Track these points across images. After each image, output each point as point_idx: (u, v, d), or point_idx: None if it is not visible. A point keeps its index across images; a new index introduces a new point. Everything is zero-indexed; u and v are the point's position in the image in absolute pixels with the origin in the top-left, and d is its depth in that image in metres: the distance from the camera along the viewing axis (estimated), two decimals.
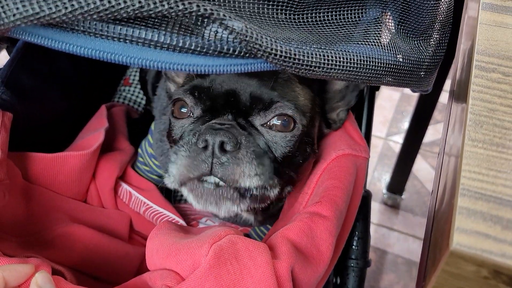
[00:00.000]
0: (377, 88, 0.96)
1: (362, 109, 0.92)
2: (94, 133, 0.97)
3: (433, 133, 2.13)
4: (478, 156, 0.39)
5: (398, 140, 2.11)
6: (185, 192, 0.69)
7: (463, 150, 0.39)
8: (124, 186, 0.97)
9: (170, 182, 0.68)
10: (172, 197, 1.09)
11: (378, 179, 1.97)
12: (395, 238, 1.80)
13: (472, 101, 0.44)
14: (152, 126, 1.02)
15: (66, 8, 0.37)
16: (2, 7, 0.37)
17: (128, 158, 1.03)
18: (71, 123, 1.06)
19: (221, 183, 0.64)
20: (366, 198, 0.85)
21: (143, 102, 1.27)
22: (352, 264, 0.83)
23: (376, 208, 1.88)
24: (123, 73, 1.30)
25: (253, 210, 0.83)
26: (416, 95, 1.60)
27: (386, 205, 1.89)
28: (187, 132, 0.71)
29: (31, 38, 0.43)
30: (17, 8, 0.37)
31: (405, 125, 2.15)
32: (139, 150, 1.05)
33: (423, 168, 2.01)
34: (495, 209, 0.35)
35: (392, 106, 2.29)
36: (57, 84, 1.03)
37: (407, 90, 2.37)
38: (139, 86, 1.27)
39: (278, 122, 0.69)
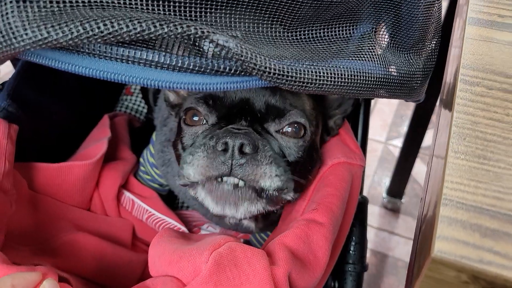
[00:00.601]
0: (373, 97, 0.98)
1: (358, 117, 0.94)
2: (97, 143, 1.00)
3: (432, 137, 2.15)
4: (460, 167, 0.42)
5: (397, 144, 2.13)
6: (201, 194, 0.69)
7: (446, 161, 0.42)
8: (127, 194, 1.00)
9: (183, 181, 0.70)
10: (174, 204, 1.12)
11: (378, 183, 1.99)
12: (395, 242, 1.81)
13: (456, 114, 0.47)
14: (153, 136, 1.05)
15: (72, 33, 0.40)
16: (13, 32, 0.40)
17: (131, 167, 1.06)
18: (74, 133, 1.09)
19: (241, 183, 0.66)
20: (363, 204, 0.87)
21: (145, 110, 1.29)
22: (349, 269, 0.85)
23: (376, 212, 1.90)
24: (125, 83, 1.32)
25: (254, 218, 0.86)
26: None
27: (386, 209, 1.90)
28: (201, 136, 0.72)
29: (39, 59, 0.46)
30: (27, 34, 0.40)
31: (405, 129, 2.16)
32: (141, 160, 1.07)
33: (422, 172, 2.02)
34: (475, 218, 0.38)
35: (392, 110, 2.31)
36: (61, 96, 1.06)
37: None
38: (140, 95, 1.29)
39: (290, 129, 0.72)
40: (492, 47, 0.56)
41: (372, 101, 2.54)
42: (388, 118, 2.27)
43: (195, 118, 0.74)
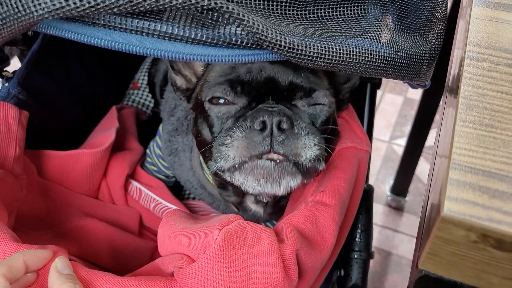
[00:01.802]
0: (378, 87, 0.99)
1: (364, 107, 0.95)
2: (106, 132, 1.01)
3: (435, 136, 2.15)
4: (468, 135, 0.42)
5: (401, 144, 2.13)
6: (240, 178, 0.69)
7: (454, 129, 0.43)
8: (134, 184, 1.01)
9: (227, 165, 0.68)
10: (180, 195, 1.13)
11: (382, 181, 1.99)
12: (400, 240, 1.81)
13: (463, 87, 0.48)
14: (160, 128, 1.06)
15: (89, 2, 0.41)
16: (32, 1, 0.41)
17: (138, 158, 1.07)
18: (82, 124, 1.10)
19: (279, 158, 0.66)
20: (368, 192, 0.88)
21: (151, 104, 1.30)
22: (355, 256, 0.85)
23: (380, 210, 1.90)
24: (132, 77, 1.34)
25: (264, 204, 0.86)
26: (418, 99, 1.63)
27: (390, 207, 1.91)
28: (231, 119, 0.72)
29: (56, 31, 0.47)
30: (45, 3, 0.41)
31: (408, 128, 2.17)
32: (147, 151, 1.09)
33: (426, 171, 2.03)
34: (484, 180, 0.38)
35: (395, 110, 2.32)
36: (70, 86, 1.08)
37: (410, 94, 2.38)
38: (147, 90, 1.31)
39: (316, 105, 0.74)
40: (498, 27, 0.57)
41: (376, 101, 2.55)
42: (392, 117, 2.28)
43: (222, 101, 0.74)
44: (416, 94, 2.29)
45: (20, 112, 0.83)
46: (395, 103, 2.35)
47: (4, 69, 0.88)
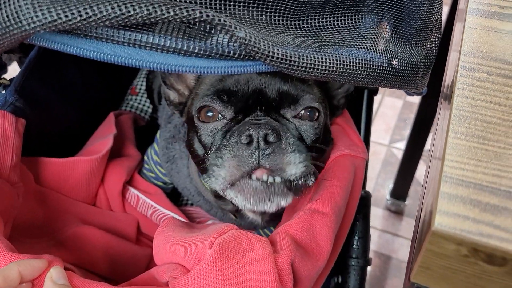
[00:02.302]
0: (375, 93, 0.99)
1: (361, 112, 0.95)
2: (103, 139, 1.01)
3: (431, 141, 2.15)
4: (460, 147, 0.42)
5: (401, 147, 2.13)
6: (231, 194, 0.69)
7: (446, 141, 0.43)
8: (132, 190, 1.01)
9: (219, 184, 0.69)
10: (178, 201, 1.13)
11: (382, 185, 1.99)
12: (399, 244, 1.81)
13: (456, 98, 0.48)
14: (158, 135, 1.06)
15: (81, 15, 0.41)
16: (24, 14, 0.41)
17: (135, 164, 1.07)
18: (80, 131, 1.10)
19: (270, 179, 0.66)
20: (366, 198, 0.88)
21: (149, 110, 1.31)
22: (353, 263, 0.85)
23: (380, 214, 1.90)
24: (129, 83, 1.34)
25: (261, 212, 0.86)
26: (417, 102, 1.63)
27: (390, 211, 1.91)
28: (220, 133, 0.73)
29: (48, 44, 0.47)
30: (37, 16, 0.41)
31: (408, 132, 2.18)
32: (145, 157, 1.09)
33: None
34: (475, 194, 0.38)
35: (395, 114, 2.32)
36: (67, 94, 1.08)
37: (410, 98, 2.37)
38: (145, 95, 1.31)
39: (306, 113, 0.74)
40: (492, 36, 0.57)
41: (376, 105, 2.54)
42: (391, 121, 2.28)
43: (210, 114, 0.74)
44: (415, 98, 2.28)
45: (17, 120, 0.83)
46: (394, 106, 2.36)
47: (2, 77, 0.89)
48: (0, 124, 0.80)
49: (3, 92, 0.87)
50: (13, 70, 0.94)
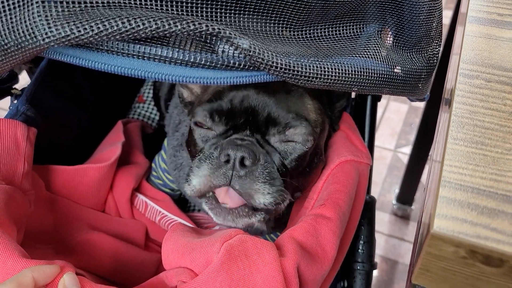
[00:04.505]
0: (379, 99, 1.00)
1: (365, 118, 0.96)
2: (112, 147, 1.03)
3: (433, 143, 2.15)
4: (459, 152, 0.44)
5: (407, 152, 2.14)
6: (206, 208, 0.75)
7: (445, 147, 0.44)
8: (140, 197, 1.02)
9: (189, 190, 0.74)
10: (185, 207, 1.15)
11: (388, 190, 2.00)
12: (406, 249, 1.81)
13: (455, 105, 0.49)
14: (165, 143, 1.08)
15: (93, 30, 0.43)
16: (39, 30, 0.43)
17: (144, 171, 1.09)
18: (89, 139, 1.12)
19: (234, 206, 0.71)
20: (370, 203, 0.89)
21: (157, 117, 1.33)
22: (358, 267, 0.86)
23: (386, 219, 1.90)
24: (137, 91, 1.36)
25: (265, 220, 0.88)
26: (423, 107, 1.64)
27: (396, 216, 1.91)
28: (208, 145, 0.76)
29: (61, 57, 0.49)
30: (51, 31, 0.43)
31: (413, 137, 2.18)
32: (153, 165, 1.10)
33: None
34: (473, 198, 0.40)
35: (400, 118, 2.33)
36: (77, 103, 1.10)
37: (415, 103, 2.37)
38: (152, 103, 1.33)
39: (292, 141, 0.75)
40: (491, 43, 0.58)
41: (381, 110, 2.54)
42: (397, 126, 2.29)
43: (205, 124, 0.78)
44: (420, 102, 2.29)
45: (28, 129, 0.85)
46: (400, 111, 2.36)
47: (13, 87, 0.91)
48: (12, 133, 0.82)
49: (15, 102, 0.90)
50: (23, 79, 0.97)
